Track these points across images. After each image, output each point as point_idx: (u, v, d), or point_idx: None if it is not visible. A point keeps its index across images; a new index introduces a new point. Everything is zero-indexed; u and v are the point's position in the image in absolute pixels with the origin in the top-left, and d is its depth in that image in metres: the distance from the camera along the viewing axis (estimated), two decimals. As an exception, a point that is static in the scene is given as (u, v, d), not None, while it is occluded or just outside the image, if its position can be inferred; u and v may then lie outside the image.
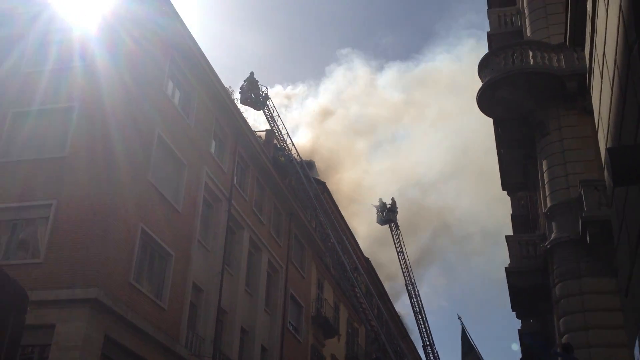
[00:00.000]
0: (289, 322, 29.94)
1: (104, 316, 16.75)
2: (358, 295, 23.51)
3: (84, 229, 17.38)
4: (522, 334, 21.05)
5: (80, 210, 17.65)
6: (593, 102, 6.96)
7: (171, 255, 20.52)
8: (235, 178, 26.35)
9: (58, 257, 17.17)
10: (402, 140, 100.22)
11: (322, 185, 34.41)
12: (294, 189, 31.35)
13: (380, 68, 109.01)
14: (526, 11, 21.00)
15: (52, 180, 18.27)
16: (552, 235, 16.85)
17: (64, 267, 16.98)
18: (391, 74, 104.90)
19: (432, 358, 26.26)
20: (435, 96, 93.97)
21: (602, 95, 6.14)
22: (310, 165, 33.84)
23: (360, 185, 77.93)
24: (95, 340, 16.40)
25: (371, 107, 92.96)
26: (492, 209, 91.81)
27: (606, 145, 5.99)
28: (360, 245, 41.28)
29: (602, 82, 5.99)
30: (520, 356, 23.04)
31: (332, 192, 37.14)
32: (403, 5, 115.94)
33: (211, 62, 24.29)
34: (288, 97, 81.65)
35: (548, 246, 16.84)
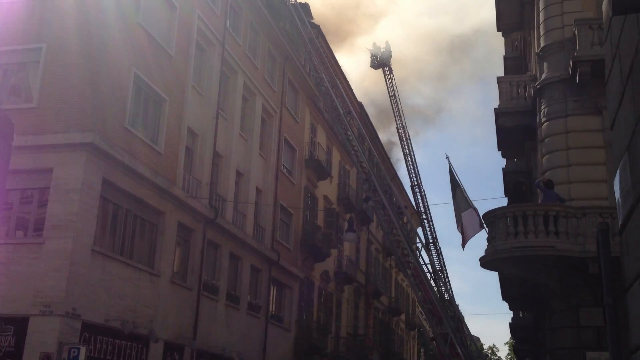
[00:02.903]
0: (283, 165, 30.66)
1: (101, 160, 17.04)
2: (350, 138, 23.89)
3: (76, 74, 17.24)
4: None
5: (71, 54, 17.41)
6: None
7: (165, 100, 20.53)
8: (228, 21, 25.73)
9: (51, 101, 17.16)
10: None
11: (317, 29, 33.70)
12: (288, 33, 30.73)
13: None
14: None
15: (40, 23, 17.83)
16: (543, 75, 16.90)
17: (58, 112, 17.02)
18: None
19: (419, 196, 27.27)
20: None
21: None
22: (305, 7, 32.89)
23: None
24: (93, 183, 16.79)
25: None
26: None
27: (606, -26, 5.90)
28: (354, 90, 41.32)
29: None
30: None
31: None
32: None
33: None
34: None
35: (538, 86, 16.95)
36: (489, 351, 74.36)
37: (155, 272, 19.56)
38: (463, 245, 18.25)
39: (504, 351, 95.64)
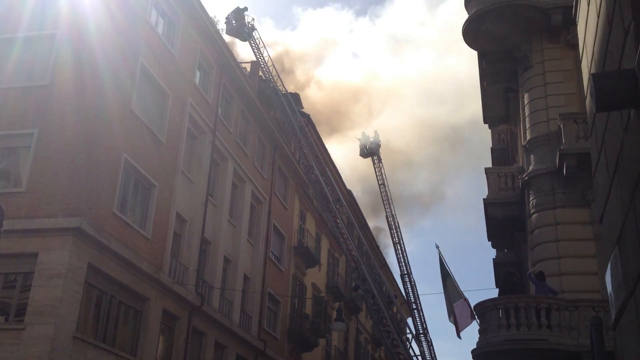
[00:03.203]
0: (272, 252, 30.45)
1: (87, 245, 16.87)
2: (339, 225, 23.89)
3: (66, 158, 17.32)
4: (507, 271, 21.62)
5: (62, 140, 17.55)
6: (578, 31, 7.02)
7: (155, 186, 20.59)
8: (219, 109, 26.21)
9: (40, 186, 17.15)
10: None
11: (307, 118, 34.37)
12: (278, 121, 31.29)
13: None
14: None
15: (34, 108, 18.07)
16: (530, 167, 17.16)
17: (46, 196, 16.98)
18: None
19: (409, 286, 27.03)
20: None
21: (587, 23, 6.20)
22: (295, 97, 33.65)
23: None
24: (78, 268, 16.55)
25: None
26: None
27: (590, 72, 6.09)
28: (343, 178, 41.66)
29: (588, 9, 6.05)
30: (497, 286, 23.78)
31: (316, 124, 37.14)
32: None
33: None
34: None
35: (526, 178, 17.17)
36: None
37: (137, 359, 19.00)
38: (458, 334, 17.95)
39: None
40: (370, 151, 38.65)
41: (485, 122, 24.66)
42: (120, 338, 18.71)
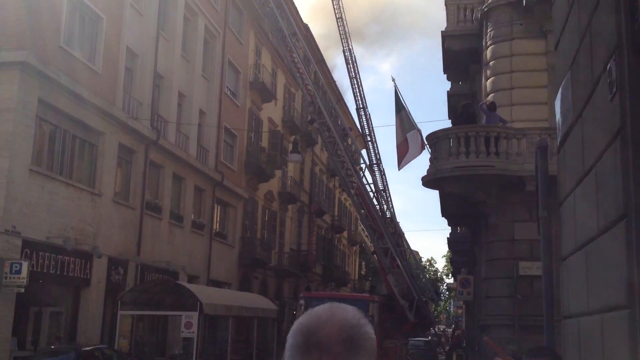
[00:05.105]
0: (227, 87, 30.19)
1: (35, 79, 16.63)
2: (295, 60, 23.56)
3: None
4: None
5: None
6: None
7: (102, 19, 19.91)
8: None
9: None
10: None
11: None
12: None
13: None
14: None
15: None
16: (490, -1, 16.93)
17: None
18: None
19: (364, 119, 27.38)
20: None
21: None
22: None
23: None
24: (29, 103, 16.48)
25: None
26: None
27: None
28: (300, 12, 40.48)
29: None
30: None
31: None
32: None
33: None
34: None
35: (485, 9, 17.00)
36: (427, 264, 77.37)
37: (96, 191, 19.49)
38: (403, 163, 18.55)
39: (441, 263, 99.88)
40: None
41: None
42: (78, 171, 19.02)
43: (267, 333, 26.97)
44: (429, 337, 31.20)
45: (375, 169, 25.39)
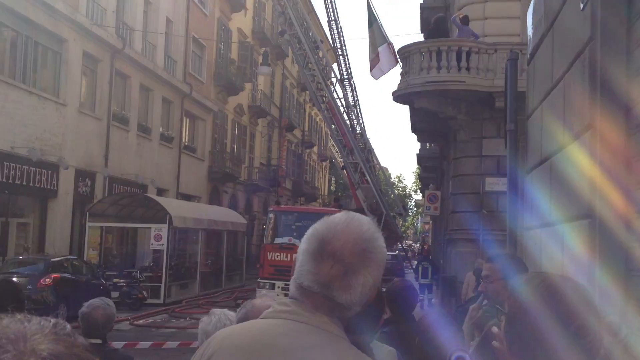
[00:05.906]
0: (195, -5, 29.17)
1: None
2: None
3: None
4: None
5: None
6: None
7: None
8: None
9: None
10: None
11: None
12: None
13: None
14: None
15: None
16: None
17: None
18: None
19: (335, 32, 26.80)
20: None
21: None
22: None
23: None
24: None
25: None
26: None
27: None
28: None
29: None
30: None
31: None
32: None
33: None
34: None
35: None
36: (396, 180, 78.23)
37: (61, 101, 19.03)
38: (374, 75, 18.34)
39: (410, 179, 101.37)
40: None
41: None
42: (41, 80, 18.54)
43: (237, 246, 27.30)
44: (396, 252, 31.92)
45: (347, 83, 25.17)
